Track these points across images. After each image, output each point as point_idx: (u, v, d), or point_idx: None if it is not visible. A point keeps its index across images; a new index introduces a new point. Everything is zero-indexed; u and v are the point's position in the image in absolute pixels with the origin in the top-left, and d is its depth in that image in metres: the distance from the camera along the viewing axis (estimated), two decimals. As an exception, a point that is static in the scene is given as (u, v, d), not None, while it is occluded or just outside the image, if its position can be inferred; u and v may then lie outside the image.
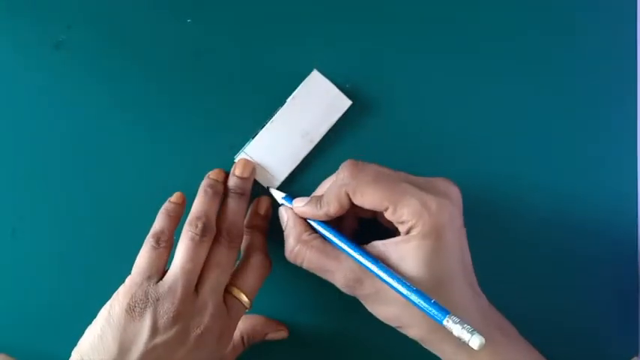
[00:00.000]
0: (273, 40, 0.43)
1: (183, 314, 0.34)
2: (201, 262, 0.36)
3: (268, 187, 0.42)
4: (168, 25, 0.43)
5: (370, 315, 0.43)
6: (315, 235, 0.37)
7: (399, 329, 0.36)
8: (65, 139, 0.42)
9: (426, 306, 0.32)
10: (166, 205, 0.39)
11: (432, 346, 0.36)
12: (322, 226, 0.37)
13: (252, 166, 0.41)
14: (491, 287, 0.37)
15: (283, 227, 0.39)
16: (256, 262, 0.39)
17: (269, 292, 0.41)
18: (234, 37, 0.43)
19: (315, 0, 0.43)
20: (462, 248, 0.36)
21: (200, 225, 0.37)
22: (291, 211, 0.39)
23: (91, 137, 0.43)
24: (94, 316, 0.35)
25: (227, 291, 0.37)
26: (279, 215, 0.40)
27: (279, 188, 0.42)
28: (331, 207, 0.36)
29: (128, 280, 0.36)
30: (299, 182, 0.42)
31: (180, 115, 0.43)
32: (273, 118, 0.41)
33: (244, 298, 0.37)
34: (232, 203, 0.39)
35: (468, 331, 0.30)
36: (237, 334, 0.40)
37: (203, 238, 0.36)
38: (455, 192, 0.36)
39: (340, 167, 0.36)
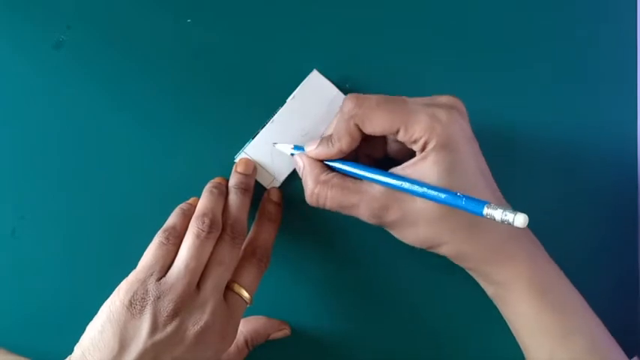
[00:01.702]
0: (273, 40, 0.43)
1: (183, 311, 0.34)
2: (205, 260, 0.36)
3: (275, 144, 0.41)
4: (168, 25, 0.43)
5: (370, 314, 0.43)
6: (333, 174, 0.37)
7: (430, 249, 0.37)
8: (65, 139, 0.42)
9: (463, 202, 0.32)
10: (182, 205, 0.39)
11: (466, 259, 0.36)
12: (340, 162, 0.37)
13: (253, 164, 0.41)
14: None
15: (300, 174, 0.39)
16: (257, 257, 0.39)
17: (269, 292, 0.41)
18: (234, 37, 0.43)
19: (315, 0, 0.43)
20: (478, 157, 0.36)
21: (207, 221, 0.37)
22: (306, 156, 0.38)
23: (91, 137, 0.43)
24: (94, 315, 0.35)
25: (228, 287, 0.37)
26: (295, 163, 0.39)
27: (280, 187, 0.42)
28: (343, 142, 0.36)
29: (131, 276, 0.36)
30: (299, 182, 0.42)
31: (180, 115, 0.43)
32: (273, 118, 0.41)
33: (245, 294, 0.37)
34: (236, 199, 0.39)
35: (510, 212, 0.30)
36: (240, 337, 0.40)
37: (209, 234, 0.36)
38: (460, 104, 0.36)
39: (343, 102, 0.36)
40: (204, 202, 0.38)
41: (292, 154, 0.40)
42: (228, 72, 0.43)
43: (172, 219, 0.38)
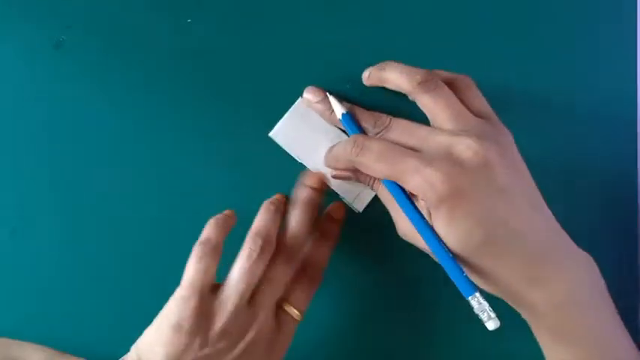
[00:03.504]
0: (274, 40, 0.43)
1: (232, 329, 0.35)
2: (256, 279, 0.36)
3: (329, 93, 0.40)
4: (168, 25, 0.43)
5: (370, 314, 0.43)
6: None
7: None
8: (65, 138, 0.42)
9: (457, 276, 0.33)
10: (217, 216, 0.38)
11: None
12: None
13: (322, 179, 0.40)
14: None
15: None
16: (309, 275, 0.38)
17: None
18: (235, 37, 0.43)
19: (316, 0, 0.43)
20: (496, 207, 0.34)
21: (260, 242, 0.36)
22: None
23: (91, 137, 0.43)
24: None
25: (278, 305, 0.37)
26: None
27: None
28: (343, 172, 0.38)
29: (177, 294, 0.35)
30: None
31: (180, 114, 0.43)
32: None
33: (295, 312, 0.37)
34: (298, 215, 0.38)
35: (487, 313, 0.32)
36: None
37: (261, 255, 0.36)
38: (493, 131, 0.35)
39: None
40: (259, 219, 0.38)
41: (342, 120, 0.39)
42: (229, 72, 0.43)
43: (206, 231, 0.37)
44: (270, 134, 0.42)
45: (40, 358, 0.37)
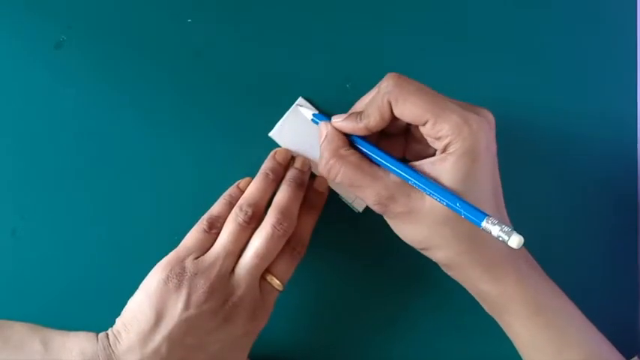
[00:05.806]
0: (274, 40, 0.43)
1: (216, 292, 0.35)
2: (243, 245, 0.37)
3: (299, 105, 0.41)
4: (168, 25, 0.43)
5: (371, 316, 0.43)
6: (352, 150, 0.37)
7: (424, 252, 0.36)
8: (65, 138, 0.42)
9: (467, 208, 0.32)
10: (231, 191, 0.40)
11: (458, 269, 0.36)
12: (362, 143, 0.37)
13: (308, 162, 0.41)
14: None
15: (320, 142, 0.38)
16: (291, 245, 0.39)
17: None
18: (235, 37, 0.43)
19: (316, 0, 0.43)
20: (495, 175, 0.36)
21: (250, 213, 0.38)
22: (331, 126, 0.38)
23: (91, 137, 0.43)
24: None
25: (261, 275, 0.38)
26: (319, 131, 0.39)
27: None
28: (372, 118, 0.36)
29: (173, 254, 0.37)
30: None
31: (180, 114, 0.43)
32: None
33: (276, 282, 0.38)
34: (290, 192, 0.39)
35: (507, 232, 0.30)
36: None
37: (249, 225, 0.37)
38: (492, 118, 0.36)
39: (384, 78, 0.36)
40: (253, 188, 0.39)
41: (313, 120, 0.40)
42: (229, 72, 0.43)
43: (217, 208, 0.39)
44: (270, 134, 0.42)
45: (24, 329, 0.37)
